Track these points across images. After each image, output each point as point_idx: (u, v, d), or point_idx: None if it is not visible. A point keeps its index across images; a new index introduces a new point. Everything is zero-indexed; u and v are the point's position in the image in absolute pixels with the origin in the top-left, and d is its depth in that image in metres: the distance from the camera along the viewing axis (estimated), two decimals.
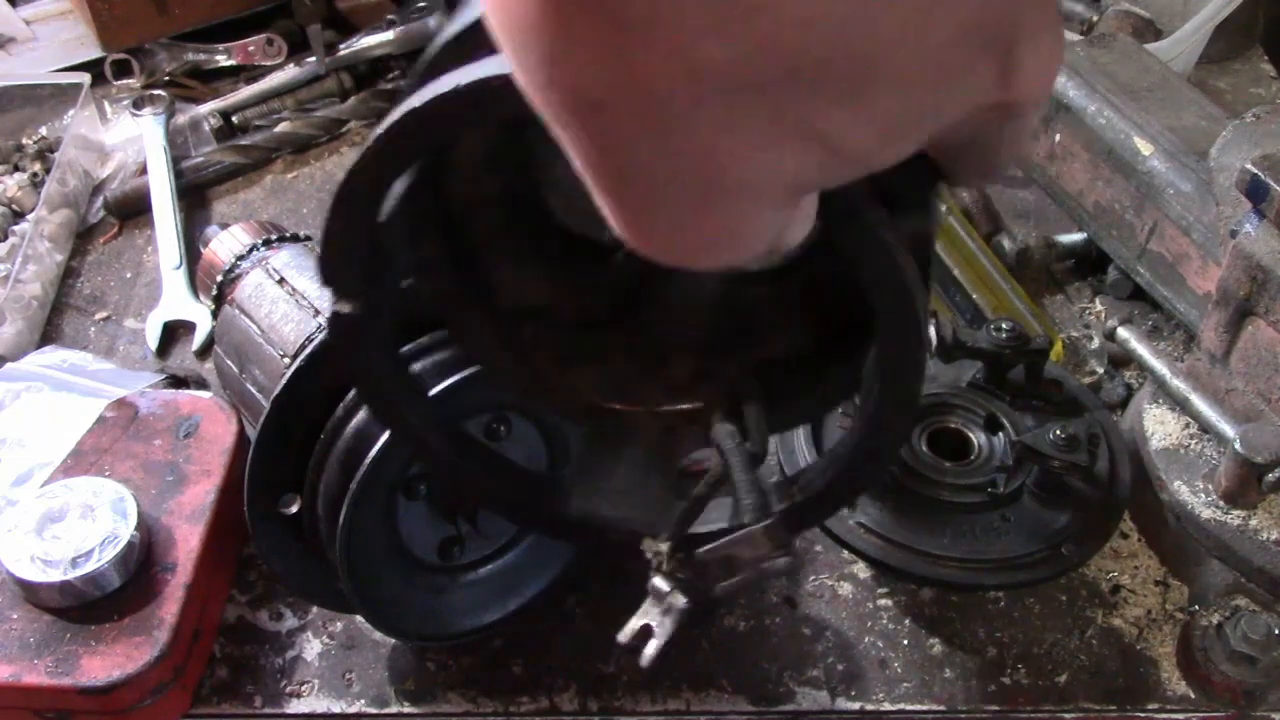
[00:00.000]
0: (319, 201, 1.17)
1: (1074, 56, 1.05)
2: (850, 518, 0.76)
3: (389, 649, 0.79)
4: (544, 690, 0.77)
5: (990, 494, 0.77)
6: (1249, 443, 0.75)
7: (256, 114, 1.25)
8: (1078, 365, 0.99)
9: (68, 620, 0.72)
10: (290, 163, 1.22)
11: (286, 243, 0.89)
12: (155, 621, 0.72)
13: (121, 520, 0.74)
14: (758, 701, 0.76)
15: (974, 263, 1.01)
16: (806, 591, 0.82)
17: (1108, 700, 0.77)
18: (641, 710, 0.76)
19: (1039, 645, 0.79)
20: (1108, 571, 0.84)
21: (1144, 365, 0.89)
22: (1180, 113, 0.99)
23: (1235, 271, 0.78)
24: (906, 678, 0.78)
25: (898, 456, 0.78)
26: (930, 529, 0.76)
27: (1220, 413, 0.81)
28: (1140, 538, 0.86)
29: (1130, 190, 0.97)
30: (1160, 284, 0.97)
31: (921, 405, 0.82)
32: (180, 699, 0.75)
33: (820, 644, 0.79)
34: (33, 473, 0.81)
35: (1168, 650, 0.79)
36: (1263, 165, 0.75)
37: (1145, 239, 0.97)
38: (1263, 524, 0.77)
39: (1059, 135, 1.04)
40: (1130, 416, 0.89)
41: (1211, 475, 0.80)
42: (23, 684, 0.69)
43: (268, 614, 0.81)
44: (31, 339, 1.01)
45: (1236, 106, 1.24)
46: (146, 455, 0.81)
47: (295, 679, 0.77)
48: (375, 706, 0.76)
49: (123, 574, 0.73)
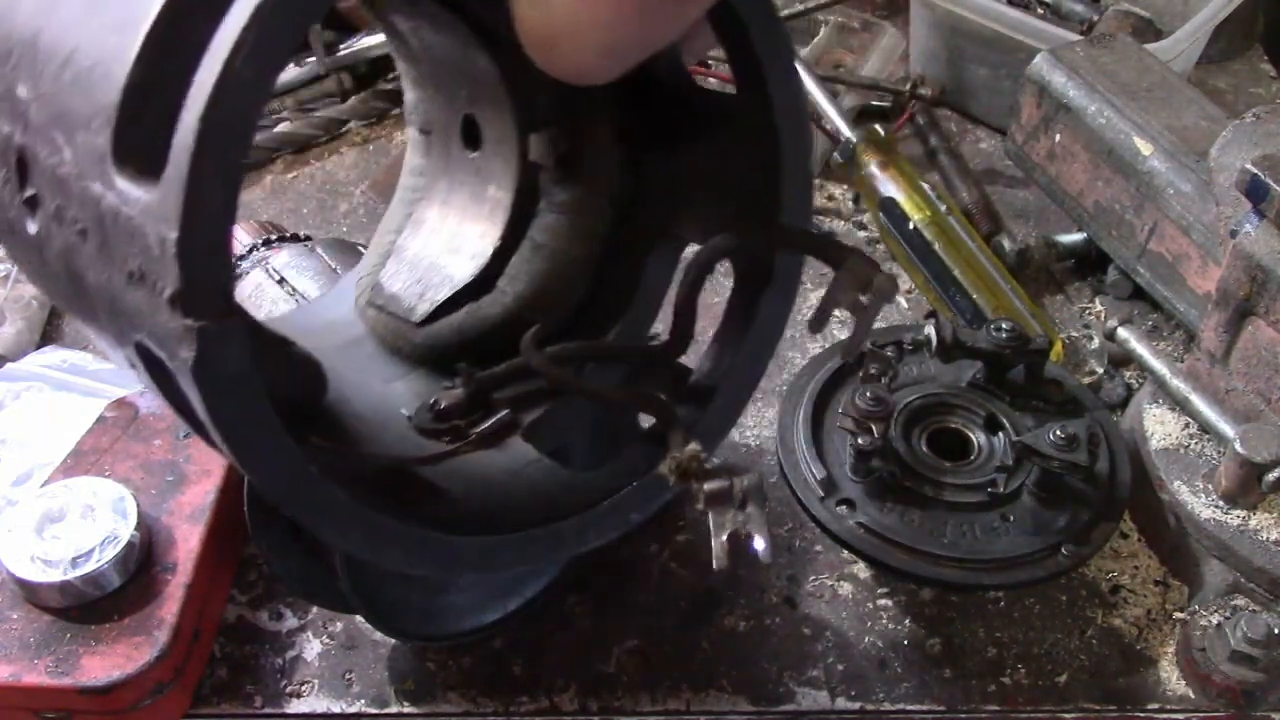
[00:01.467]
0: (319, 201, 1.17)
1: (1074, 56, 1.05)
2: (850, 518, 0.76)
3: (389, 649, 0.79)
4: (544, 690, 0.77)
5: (990, 494, 0.77)
6: (1249, 443, 0.75)
7: None
8: (1078, 365, 0.99)
9: (68, 620, 0.72)
10: (290, 163, 1.22)
11: (286, 243, 0.89)
12: (155, 621, 0.72)
13: (121, 520, 0.74)
14: (758, 701, 0.76)
15: (974, 263, 1.01)
16: (806, 591, 0.82)
17: (1108, 700, 0.77)
18: (641, 710, 0.76)
19: (1039, 645, 0.79)
20: (1108, 571, 0.84)
21: (1144, 365, 0.89)
22: (1180, 113, 0.99)
23: (1235, 271, 0.78)
24: (906, 678, 0.78)
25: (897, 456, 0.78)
26: (930, 529, 0.76)
27: (1220, 413, 0.81)
28: (1140, 538, 0.86)
29: (1130, 190, 0.98)
30: (1160, 284, 0.97)
31: (922, 405, 0.82)
32: (180, 699, 0.74)
33: (820, 644, 0.79)
34: (33, 473, 0.81)
35: (1168, 650, 0.79)
36: (1263, 165, 0.75)
37: (1145, 239, 0.97)
38: (1263, 524, 0.77)
39: (1059, 135, 1.05)
40: (1130, 416, 0.89)
41: (1211, 475, 0.80)
42: (23, 684, 0.69)
43: (268, 614, 0.81)
44: (31, 339, 1.01)
45: (1236, 106, 1.24)
46: (146, 455, 0.81)
47: (295, 679, 0.77)
48: (375, 706, 0.76)
49: (123, 574, 0.73)
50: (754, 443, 0.92)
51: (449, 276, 0.62)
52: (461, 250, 0.63)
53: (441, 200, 0.65)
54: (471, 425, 0.55)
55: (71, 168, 0.40)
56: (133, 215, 0.38)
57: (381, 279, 0.64)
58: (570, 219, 0.60)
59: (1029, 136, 1.09)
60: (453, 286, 0.61)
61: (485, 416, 0.55)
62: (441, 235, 0.64)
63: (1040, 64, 1.06)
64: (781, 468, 0.80)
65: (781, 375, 0.97)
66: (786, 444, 0.81)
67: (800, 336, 1.02)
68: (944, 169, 1.19)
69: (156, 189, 0.37)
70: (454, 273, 0.62)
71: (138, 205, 0.38)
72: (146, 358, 0.41)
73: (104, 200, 0.39)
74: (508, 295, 0.61)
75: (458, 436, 0.55)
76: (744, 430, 0.93)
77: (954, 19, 1.21)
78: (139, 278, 0.38)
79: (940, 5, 1.20)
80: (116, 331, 0.42)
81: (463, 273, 0.62)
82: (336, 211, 1.16)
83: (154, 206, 0.37)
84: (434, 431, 0.55)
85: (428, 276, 0.63)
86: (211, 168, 0.36)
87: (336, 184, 1.19)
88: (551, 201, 0.61)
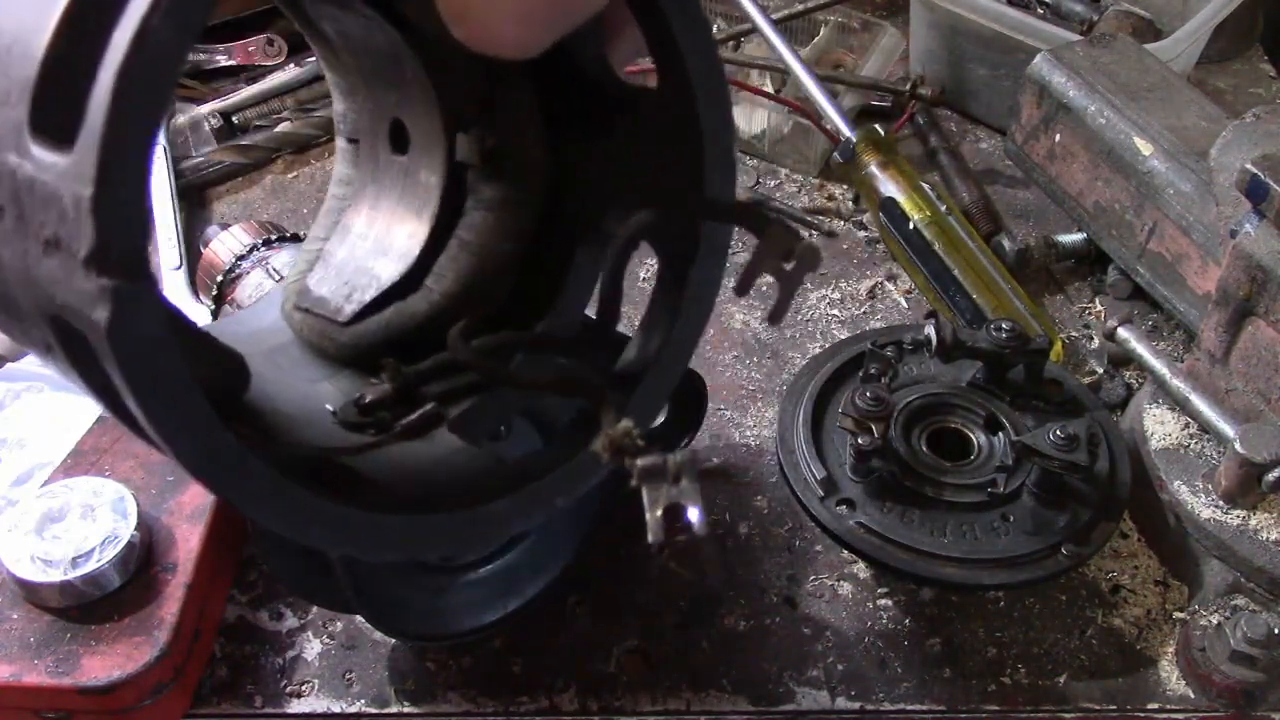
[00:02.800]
0: (319, 201, 1.17)
1: (1074, 56, 1.05)
2: (850, 518, 0.76)
3: (389, 649, 0.79)
4: (544, 690, 0.77)
5: (990, 494, 0.77)
6: (1249, 443, 0.75)
7: (256, 114, 1.25)
8: (1078, 365, 0.99)
9: (68, 620, 0.72)
10: (290, 163, 1.22)
11: (286, 243, 0.89)
12: (155, 621, 0.72)
13: (122, 520, 0.74)
14: (758, 701, 0.76)
15: (974, 263, 1.01)
16: (806, 591, 0.82)
17: (1108, 700, 0.77)
18: (641, 710, 0.76)
19: (1039, 645, 0.79)
20: (1108, 571, 0.84)
21: (1144, 365, 0.89)
22: (1180, 113, 0.99)
23: (1235, 271, 0.78)
24: (906, 678, 0.78)
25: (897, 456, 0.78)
26: (930, 529, 0.76)
27: (1220, 413, 0.81)
28: (1140, 538, 0.86)
29: (1130, 190, 0.98)
30: (1160, 284, 0.97)
31: (922, 405, 0.82)
32: (180, 699, 0.75)
33: (820, 644, 0.79)
34: (33, 473, 0.81)
35: (1168, 650, 0.79)
36: (1263, 165, 0.75)
37: (1145, 239, 0.97)
38: (1263, 524, 0.77)
39: (1059, 135, 1.05)
40: (1130, 416, 0.89)
41: (1211, 475, 0.80)
42: (23, 684, 0.69)
43: (268, 614, 0.81)
44: None
45: (1236, 106, 1.24)
46: (146, 455, 0.81)
47: (295, 679, 0.77)
48: (375, 706, 0.76)
49: (123, 574, 0.73)
50: (754, 443, 0.92)
51: (376, 277, 0.62)
52: (389, 252, 0.63)
53: (370, 205, 0.65)
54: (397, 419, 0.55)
55: None
56: (49, 180, 0.38)
57: (308, 283, 0.64)
58: (498, 216, 0.61)
59: (1029, 136, 1.09)
60: (379, 287, 0.61)
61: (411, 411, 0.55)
62: (369, 239, 0.64)
63: (1040, 64, 1.06)
64: (781, 468, 0.80)
65: (781, 375, 0.97)
66: (786, 444, 0.81)
67: (800, 336, 1.02)
68: (944, 169, 1.19)
69: (73, 153, 0.37)
70: (381, 273, 0.62)
71: (54, 170, 0.37)
72: (63, 332, 0.40)
73: (20, 171, 0.39)
74: (435, 293, 0.61)
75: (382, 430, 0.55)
76: (744, 430, 0.93)
77: (954, 19, 1.21)
78: (54, 244, 0.38)
79: (940, 5, 1.20)
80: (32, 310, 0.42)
81: (389, 272, 0.62)
82: None
83: (70, 169, 0.37)
84: (358, 425, 0.55)
85: (355, 279, 0.63)
86: (127, 126, 0.36)
87: None
88: (479, 199, 0.61)
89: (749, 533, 0.86)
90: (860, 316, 1.04)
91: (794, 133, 1.19)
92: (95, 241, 0.36)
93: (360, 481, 0.52)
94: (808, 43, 1.30)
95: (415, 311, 0.61)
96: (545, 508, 0.56)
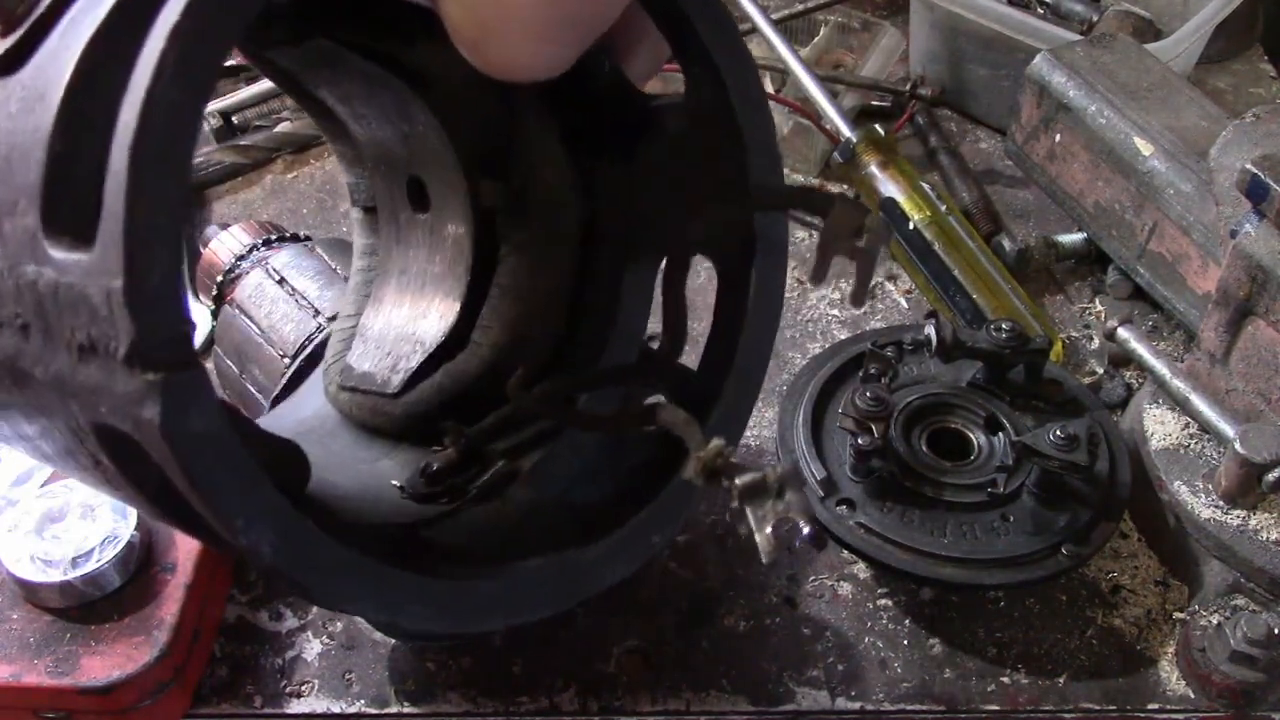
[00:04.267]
0: (319, 201, 1.17)
1: (1074, 56, 1.05)
2: (850, 518, 0.76)
3: (389, 649, 0.79)
4: (544, 690, 0.77)
5: (990, 494, 0.77)
6: (1249, 443, 0.75)
7: (256, 114, 1.25)
8: (1078, 365, 0.99)
9: (68, 620, 0.72)
10: (290, 163, 1.22)
11: (286, 243, 0.89)
12: (155, 621, 0.72)
13: (121, 520, 0.74)
14: (758, 701, 0.76)
15: (974, 263, 1.01)
16: (806, 591, 0.82)
17: (1108, 700, 0.77)
18: (641, 710, 0.76)
19: (1039, 645, 0.79)
20: (1108, 571, 0.84)
21: (1144, 365, 0.89)
22: (1180, 113, 0.99)
23: (1235, 271, 0.78)
24: (906, 678, 0.78)
25: (897, 456, 0.78)
26: (930, 529, 0.76)
27: (1220, 413, 0.81)
28: (1140, 538, 0.86)
29: (1130, 190, 0.98)
30: (1160, 284, 0.97)
31: (921, 405, 0.82)
32: (180, 699, 0.74)
33: (820, 644, 0.79)
34: (33, 473, 0.81)
35: (1168, 650, 0.79)
36: (1263, 165, 0.75)
37: (1145, 239, 0.97)
38: (1263, 524, 0.77)
39: (1059, 135, 1.05)
40: (1130, 416, 0.89)
41: (1211, 475, 0.80)
42: (23, 684, 0.69)
43: (268, 614, 0.81)
44: None
45: (1236, 106, 1.24)
46: None
47: (295, 679, 0.77)
48: (375, 706, 0.76)
49: (123, 574, 0.73)
50: (754, 443, 0.92)
51: (419, 342, 0.59)
52: (428, 313, 0.60)
53: (399, 270, 0.62)
54: (469, 483, 0.53)
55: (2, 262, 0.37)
56: (73, 281, 0.34)
57: (349, 361, 0.61)
58: (534, 256, 0.58)
59: (1029, 136, 1.09)
60: (425, 350, 0.58)
61: (482, 472, 0.53)
62: (404, 305, 0.61)
63: (1040, 64, 1.06)
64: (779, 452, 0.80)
65: (781, 375, 0.97)
66: (786, 444, 0.81)
67: (800, 336, 1.02)
68: (944, 169, 1.19)
69: (95, 246, 0.34)
70: (424, 336, 0.59)
71: (77, 269, 0.34)
72: (109, 439, 0.37)
73: (41, 279, 0.36)
74: (483, 347, 0.58)
75: (456, 496, 0.52)
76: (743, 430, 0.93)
77: (954, 19, 1.21)
78: (89, 348, 0.35)
79: (940, 5, 1.20)
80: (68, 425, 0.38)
81: (432, 334, 0.59)
82: (336, 211, 1.16)
83: (95, 264, 0.33)
84: (429, 495, 0.53)
85: (397, 348, 0.60)
86: (149, 206, 0.33)
87: (336, 184, 1.19)
88: (512, 243, 0.58)
89: (749, 533, 0.86)
90: (860, 316, 1.04)
91: (794, 133, 1.19)
92: (134, 335, 0.33)
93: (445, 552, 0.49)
94: (808, 43, 1.30)
95: (466, 369, 0.58)
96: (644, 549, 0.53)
